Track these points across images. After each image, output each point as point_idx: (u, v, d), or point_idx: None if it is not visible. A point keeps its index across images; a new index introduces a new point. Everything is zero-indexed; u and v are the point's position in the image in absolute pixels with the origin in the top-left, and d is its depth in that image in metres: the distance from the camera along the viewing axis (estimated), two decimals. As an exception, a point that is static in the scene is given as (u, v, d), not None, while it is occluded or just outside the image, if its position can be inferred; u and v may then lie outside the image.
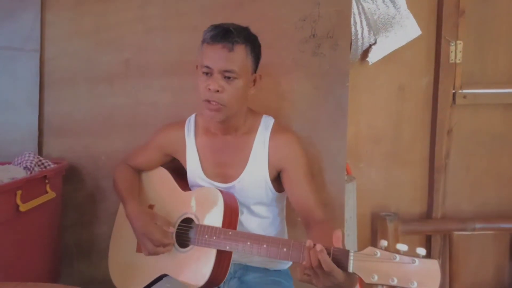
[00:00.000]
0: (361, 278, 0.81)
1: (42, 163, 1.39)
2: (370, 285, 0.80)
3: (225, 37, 1.08)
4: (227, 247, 1.08)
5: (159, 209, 1.25)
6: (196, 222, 1.16)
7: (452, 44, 1.85)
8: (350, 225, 1.73)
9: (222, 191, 1.18)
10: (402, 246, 0.80)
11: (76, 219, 1.52)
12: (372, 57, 1.80)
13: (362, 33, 1.75)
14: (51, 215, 1.40)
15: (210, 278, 1.10)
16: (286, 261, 1.28)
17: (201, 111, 1.23)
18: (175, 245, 1.18)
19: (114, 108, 1.49)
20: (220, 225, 1.12)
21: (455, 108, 1.91)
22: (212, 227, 1.12)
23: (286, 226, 1.37)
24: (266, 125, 1.23)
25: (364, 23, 1.75)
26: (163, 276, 1.19)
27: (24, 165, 1.34)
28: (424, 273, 0.77)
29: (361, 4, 1.74)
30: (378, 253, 0.81)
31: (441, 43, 1.86)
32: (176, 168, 1.33)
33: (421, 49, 1.90)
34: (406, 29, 1.79)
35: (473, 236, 1.94)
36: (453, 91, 1.89)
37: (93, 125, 1.50)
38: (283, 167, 1.20)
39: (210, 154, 1.25)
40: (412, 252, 0.79)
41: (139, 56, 1.47)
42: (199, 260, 1.13)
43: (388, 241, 0.82)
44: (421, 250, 0.79)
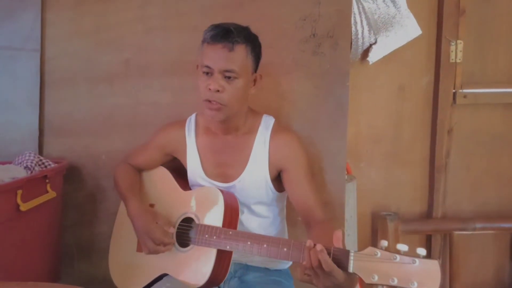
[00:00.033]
0: (361, 278, 0.81)
1: (43, 163, 1.40)
2: (370, 285, 0.80)
3: (226, 37, 1.08)
4: (228, 246, 1.09)
5: (160, 209, 1.25)
6: (196, 221, 1.16)
7: (453, 43, 1.85)
8: (351, 225, 1.73)
9: (222, 191, 1.18)
10: (402, 246, 0.80)
11: (77, 218, 1.52)
12: (373, 57, 1.80)
13: (363, 32, 1.75)
14: (52, 215, 1.40)
15: (210, 278, 1.10)
16: (286, 261, 1.29)
17: (202, 111, 1.23)
18: (176, 244, 1.18)
19: (114, 108, 1.49)
20: (220, 225, 1.12)
21: (456, 108, 1.91)
22: (212, 227, 1.12)
23: (286, 225, 1.37)
24: (266, 125, 1.23)
25: (365, 22, 1.75)
26: (163, 275, 1.19)
27: (25, 165, 1.34)
28: (425, 273, 0.77)
29: (362, 4, 1.74)
30: (379, 253, 0.81)
31: (441, 42, 1.85)
32: (176, 168, 1.33)
33: (421, 48, 1.89)
34: (406, 29, 1.79)
35: (474, 236, 1.94)
36: (454, 90, 1.88)
37: (93, 125, 1.50)
38: (283, 166, 1.20)
39: (211, 154, 1.25)
40: (412, 253, 0.79)
41: (139, 56, 1.47)
42: (199, 260, 1.13)
43: (388, 240, 0.83)
44: (421, 251, 0.79)
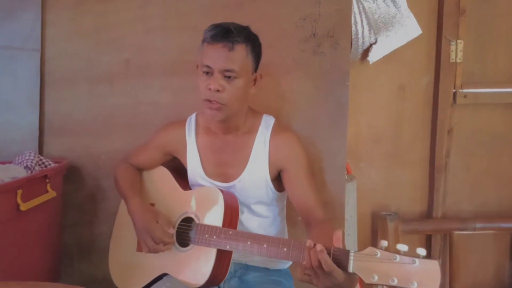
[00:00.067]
0: (361, 278, 0.81)
1: (43, 163, 1.40)
2: (370, 285, 0.80)
3: (226, 36, 1.08)
4: (227, 246, 1.09)
5: (160, 208, 1.25)
6: (196, 221, 1.16)
7: (453, 43, 1.85)
8: (351, 225, 1.73)
9: (222, 191, 1.18)
10: (402, 247, 0.80)
11: (77, 218, 1.53)
12: (373, 57, 1.80)
13: (363, 32, 1.75)
14: (52, 215, 1.40)
15: (210, 278, 1.10)
16: (286, 260, 1.28)
17: (202, 111, 1.23)
18: (176, 244, 1.18)
19: (114, 108, 1.49)
20: (220, 225, 1.12)
21: (456, 108, 1.91)
22: (212, 227, 1.12)
23: (286, 225, 1.37)
24: (266, 125, 1.23)
25: (365, 22, 1.75)
26: (163, 275, 1.19)
27: (25, 165, 1.34)
28: (424, 273, 0.77)
29: (362, 3, 1.74)
30: (378, 253, 0.81)
31: (441, 42, 1.85)
32: (176, 167, 1.33)
33: (421, 48, 1.89)
34: (406, 29, 1.79)
35: (474, 236, 1.93)
36: (454, 90, 1.88)
37: (93, 125, 1.50)
38: (283, 166, 1.20)
39: (211, 154, 1.25)
40: (412, 253, 0.79)
41: (139, 56, 1.47)
42: (199, 260, 1.13)
43: (388, 240, 0.83)
44: (421, 251, 0.79)
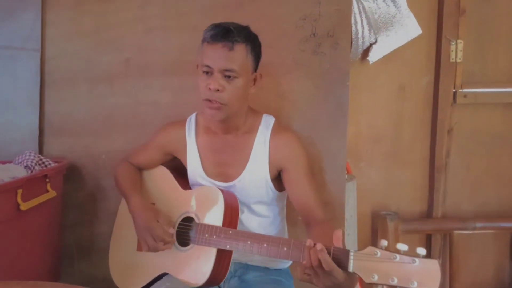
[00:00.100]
0: (361, 278, 0.81)
1: (43, 162, 1.40)
2: (370, 285, 0.80)
3: (225, 36, 1.08)
4: (228, 246, 1.09)
5: (160, 208, 1.25)
6: (196, 221, 1.16)
7: (453, 43, 1.85)
8: (351, 224, 1.73)
9: (222, 190, 1.18)
10: (402, 246, 0.80)
11: (77, 218, 1.53)
12: (373, 56, 1.80)
13: (363, 32, 1.75)
14: (52, 214, 1.40)
15: (210, 277, 1.10)
16: (286, 260, 1.28)
17: (202, 110, 1.23)
18: (176, 243, 1.18)
19: (114, 107, 1.49)
20: (220, 224, 1.12)
21: (456, 108, 1.91)
22: (212, 226, 1.12)
23: (286, 225, 1.37)
24: (266, 125, 1.23)
25: (365, 22, 1.75)
26: (164, 274, 1.19)
27: (25, 164, 1.34)
28: (424, 273, 0.77)
29: (362, 3, 1.74)
30: (378, 252, 0.81)
31: (441, 42, 1.85)
32: (176, 167, 1.33)
33: (421, 48, 1.89)
34: (406, 28, 1.79)
35: (474, 236, 1.94)
36: (454, 90, 1.88)
37: (93, 125, 1.50)
38: (283, 166, 1.20)
39: (211, 153, 1.25)
40: (412, 252, 0.79)
41: (139, 56, 1.47)
42: (199, 259, 1.13)
43: (388, 240, 0.83)
44: (421, 250, 0.79)
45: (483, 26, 1.89)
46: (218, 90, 1.09)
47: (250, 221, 1.24)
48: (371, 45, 1.78)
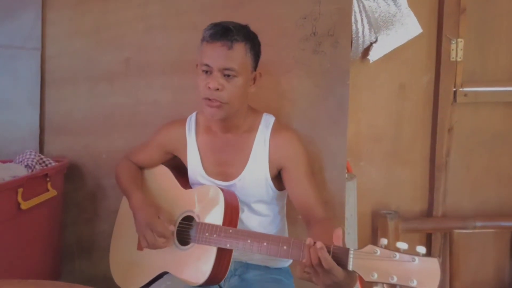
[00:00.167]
0: (361, 276, 0.81)
1: (43, 161, 1.40)
2: (370, 283, 0.80)
3: (225, 35, 1.08)
4: (228, 245, 1.09)
5: (160, 207, 1.25)
6: (196, 220, 1.17)
7: (453, 42, 1.85)
8: (351, 223, 1.73)
9: (223, 189, 1.18)
10: (402, 245, 0.80)
11: (77, 217, 1.53)
12: (373, 55, 1.80)
13: (363, 31, 1.75)
14: (52, 213, 1.40)
15: (210, 276, 1.10)
16: (286, 259, 1.29)
17: (202, 110, 1.23)
18: (176, 242, 1.18)
19: (114, 107, 1.49)
20: (220, 223, 1.12)
21: (456, 106, 1.91)
22: (212, 225, 1.12)
23: (286, 224, 1.37)
24: (266, 124, 1.23)
25: (365, 21, 1.75)
26: (164, 273, 1.19)
27: (25, 163, 1.35)
28: (424, 271, 0.77)
29: (362, 2, 1.74)
30: (378, 251, 0.81)
31: (442, 41, 1.85)
32: (177, 166, 1.33)
33: (422, 47, 1.89)
34: (407, 27, 1.79)
35: (474, 234, 1.94)
36: (454, 89, 1.88)
37: (93, 124, 1.50)
38: (283, 165, 1.20)
39: (211, 152, 1.25)
40: (412, 251, 0.79)
41: (139, 55, 1.47)
42: (199, 258, 1.13)
43: (388, 239, 0.83)
44: (421, 249, 0.79)
45: (484, 25, 1.89)
46: (217, 89, 1.09)
47: (250, 220, 1.25)
48: (371, 44, 1.78)
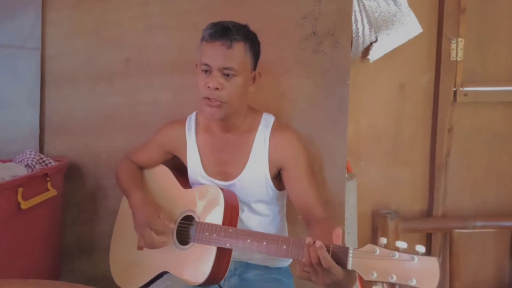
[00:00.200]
0: (360, 276, 0.81)
1: (43, 161, 1.40)
2: (370, 283, 0.80)
3: (224, 34, 1.08)
4: (227, 244, 1.09)
5: (160, 207, 1.25)
6: (196, 219, 1.17)
7: (453, 41, 1.85)
8: (351, 223, 1.73)
9: (223, 189, 1.18)
10: (401, 244, 0.80)
11: (77, 217, 1.53)
12: (373, 55, 1.80)
13: (363, 30, 1.75)
14: (52, 213, 1.40)
15: (210, 276, 1.10)
16: (286, 258, 1.29)
17: (201, 109, 1.23)
18: (176, 242, 1.18)
19: (114, 106, 1.50)
20: (220, 223, 1.12)
21: (456, 106, 1.91)
22: (212, 225, 1.12)
23: (286, 224, 1.37)
24: (266, 123, 1.23)
25: (365, 20, 1.75)
26: (164, 273, 1.19)
27: (25, 163, 1.35)
28: (423, 270, 0.77)
29: (362, 2, 1.74)
30: (377, 250, 0.81)
31: (442, 41, 1.85)
32: (177, 166, 1.33)
33: (422, 47, 1.89)
34: (407, 27, 1.78)
35: (474, 234, 1.93)
36: (454, 89, 1.88)
37: (93, 124, 1.50)
38: (283, 165, 1.20)
39: (211, 152, 1.25)
40: (411, 250, 0.79)
41: (140, 55, 1.47)
42: (199, 258, 1.13)
43: (388, 239, 0.82)
44: (420, 248, 0.79)
45: (484, 24, 1.89)
46: (217, 89, 1.09)
47: (250, 220, 1.25)
48: (371, 43, 1.78)
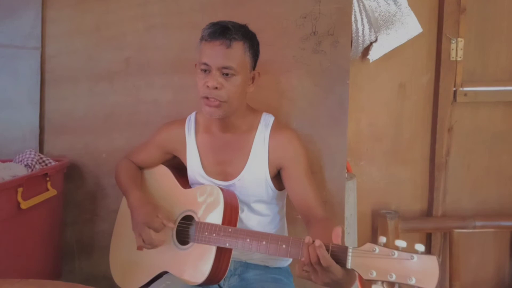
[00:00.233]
0: (360, 275, 0.81)
1: (43, 161, 1.40)
2: (369, 282, 0.80)
3: (223, 34, 1.08)
4: (227, 244, 1.09)
5: (160, 207, 1.25)
6: (196, 219, 1.17)
7: (453, 41, 1.85)
8: (351, 223, 1.73)
9: (222, 189, 1.18)
10: (400, 243, 0.80)
11: (77, 216, 1.53)
12: (373, 55, 1.80)
13: (363, 30, 1.75)
14: (52, 213, 1.40)
15: (209, 275, 1.10)
16: (285, 258, 1.29)
17: (201, 109, 1.23)
18: (176, 242, 1.18)
19: (114, 106, 1.50)
20: (220, 223, 1.12)
21: (456, 106, 1.91)
22: (212, 224, 1.12)
23: (286, 223, 1.37)
24: (266, 123, 1.23)
25: (365, 20, 1.75)
26: (164, 273, 1.19)
27: (25, 163, 1.35)
28: (423, 269, 0.77)
29: (362, 2, 1.74)
30: (377, 249, 0.81)
31: (442, 40, 1.85)
32: (177, 166, 1.33)
33: (422, 46, 1.89)
34: (407, 27, 1.78)
35: (474, 234, 1.94)
36: (454, 88, 1.88)
37: (94, 123, 1.50)
38: (283, 165, 1.20)
39: (211, 152, 1.25)
40: (410, 248, 0.79)
41: (140, 54, 1.47)
42: (199, 258, 1.13)
43: (388, 239, 0.82)
44: (419, 246, 0.79)
45: (484, 24, 1.89)
46: (216, 88, 1.09)
47: (250, 220, 1.25)
48: (371, 43, 1.78)
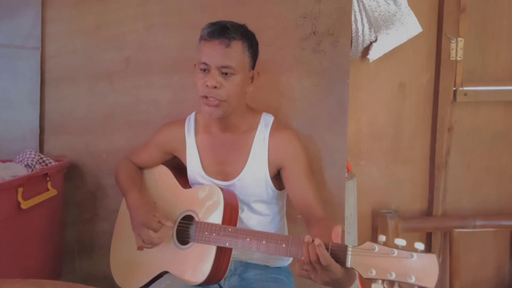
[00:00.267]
0: (360, 273, 0.81)
1: (43, 161, 1.40)
2: (369, 280, 0.80)
3: (222, 33, 1.08)
4: (227, 243, 1.09)
5: (160, 207, 1.26)
6: (196, 219, 1.17)
7: (453, 41, 1.85)
8: (351, 223, 1.73)
9: (222, 189, 1.18)
10: (400, 241, 0.80)
11: (77, 216, 1.53)
12: (373, 55, 1.79)
13: (363, 30, 1.75)
14: (52, 213, 1.41)
15: (210, 275, 1.10)
16: (285, 257, 1.29)
17: (200, 109, 1.23)
18: (176, 242, 1.18)
19: (114, 105, 1.50)
20: (220, 222, 1.12)
21: (456, 106, 1.91)
22: (212, 224, 1.12)
23: (286, 223, 1.37)
24: (265, 123, 1.23)
25: (365, 20, 1.75)
26: (164, 273, 1.19)
27: (25, 163, 1.35)
28: (422, 267, 0.77)
29: (362, 1, 1.74)
30: (376, 248, 0.81)
31: (442, 40, 1.85)
32: (177, 166, 1.33)
33: (421, 46, 1.89)
34: (407, 26, 1.78)
35: (474, 233, 1.93)
36: (454, 88, 1.88)
37: (94, 123, 1.51)
38: (283, 164, 1.20)
39: (210, 152, 1.26)
40: (410, 247, 0.79)
41: (140, 54, 1.48)
42: (199, 257, 1.13)
43: (388, 238, 0.82)
44: (419, 245, 0.79)
45: (484, 24, 1.89)
46: (215, 87, 1.09)
47: (250, 220, 1.25)
48: (371, 43, 1.78)
